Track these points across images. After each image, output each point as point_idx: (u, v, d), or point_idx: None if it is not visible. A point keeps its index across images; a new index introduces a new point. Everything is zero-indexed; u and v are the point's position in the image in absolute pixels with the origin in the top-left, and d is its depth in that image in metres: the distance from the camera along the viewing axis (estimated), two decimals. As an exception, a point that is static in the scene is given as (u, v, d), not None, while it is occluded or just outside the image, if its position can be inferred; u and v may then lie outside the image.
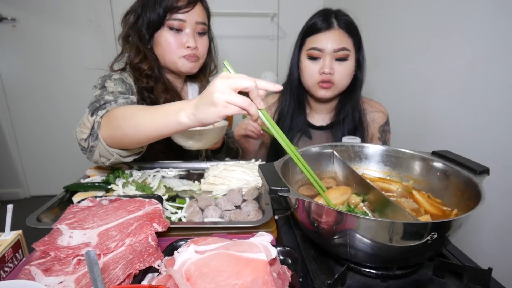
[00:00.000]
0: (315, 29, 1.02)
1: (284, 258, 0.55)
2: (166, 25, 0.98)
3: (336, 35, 1.00)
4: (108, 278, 0.48)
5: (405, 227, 0.48)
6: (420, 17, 1.36)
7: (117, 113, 0.75)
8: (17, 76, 2.35)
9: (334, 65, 1.02)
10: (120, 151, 0.79)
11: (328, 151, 0.81)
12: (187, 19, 0.98)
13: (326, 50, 1.01)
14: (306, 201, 0.55)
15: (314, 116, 1.19)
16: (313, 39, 1.03)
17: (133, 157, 0.85)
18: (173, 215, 0.72)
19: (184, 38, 0.99)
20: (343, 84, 1.05)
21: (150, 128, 0.69)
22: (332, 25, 1.01)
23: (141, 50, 0.99)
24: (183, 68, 1.03)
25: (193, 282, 0.42)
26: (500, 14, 1.00)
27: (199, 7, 1.01)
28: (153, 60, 1.01)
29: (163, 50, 1.01)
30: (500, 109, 1.01)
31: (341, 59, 1.02)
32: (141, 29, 0.99)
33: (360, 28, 1.07)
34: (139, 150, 0.84)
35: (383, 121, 1.16)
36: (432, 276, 0.56)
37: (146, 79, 1.01)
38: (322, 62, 1.02)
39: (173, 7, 0.96)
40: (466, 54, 1.13)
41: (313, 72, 1.04)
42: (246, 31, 2.45)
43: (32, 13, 2.25)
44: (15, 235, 0.57)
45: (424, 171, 0.74)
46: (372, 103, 1.17)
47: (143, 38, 1.00)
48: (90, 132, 0.78)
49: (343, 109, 1.12)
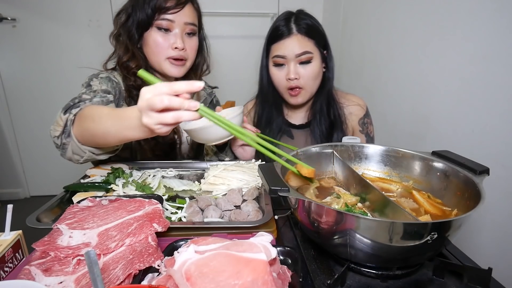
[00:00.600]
0: (277, 36, 1.05)
1: (284, 258, 0.55)
2: (154, 25, 0.99)
3: (296, 40, 1.02)
4: (108, 278, 0.48)
5: (405, 227, 0.48)
6: (420, 17, 1.36)
7: (88, 113, 0.77)
8: (17, 76, 2.35)
9: (299, 70, 1.04)
10: (92, 149, 0.81)
11: (328, 151, 0.81)
12: (176, 20, 0.98)
13: (288, 57, 1.03)
14: (306, 201, 0.55)
15: (292, 116, 1.21)
16: (276, 47, 1.05)
17: (108, 155, 0.86)
18: (173, 215, 0.72)
19: (172, 38, 1.00)
20: (310, 86, 1.07)
21: (117, 132, 0.71)
22: (291, 31, 1.03)
23: (129, 48, 1.01)
24: (168, 72, 1.04)
25: (193, 282, 0.42)
26: (500, 14, 1.00)
27: (189, 8, 1.02)
28: (141, 58, 1.02)
29: (151, 50, 1.02)
30: (500, 109, 1.01)
31: (304, 62, 1.04)
32: (131, 28, 1.00)
33: (359, 27, 1.08)
34: (113, 148, 0.85)
35: (362, 113, 1.17)
36: (432, 276, 0.56)
37: (134, 77, 1.02)
38: (287, 68, 1.05)
39: (162, 7, 0.97)
40: (466, 54, 1.13)
41: (280, 79, 1.07)
42: (246, 31, 2.45)
43: (32, 13, 2.25)
44: (15, 235, 0.57)
45: (424, 171, 0.74)
46: (348, 97, 1.19)
47: (132, 38, 1.01)
48: (63, 130, 0.79)
49: (315, 105, 1.14)
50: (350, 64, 2.03)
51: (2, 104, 2.37)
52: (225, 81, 2.53)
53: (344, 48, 2.07)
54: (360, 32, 1.90)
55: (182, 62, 1.04)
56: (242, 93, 2.43)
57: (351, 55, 1.96)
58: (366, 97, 1.28)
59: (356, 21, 1.96)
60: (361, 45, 1.89)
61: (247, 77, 2.49)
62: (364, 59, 1.86)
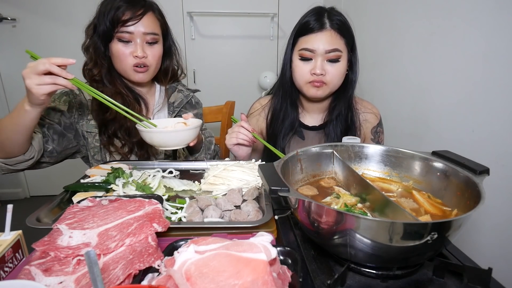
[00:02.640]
0: (308, 29, 1.02)
1: (284, 258, 0.55)
2: (116, 37, 1.03)
3: (328, 36, 1.00)
4: (108, 278, 0.48)
5: (405, 227, 0.48)
6: (420, 16, 1.36)
7: None
8: (17, 76, 2.33)
9: (325, 66, 1.02)
10: (4, 160, 0.92)
11: (328, 151, 0.81)
12: (135, 31, 1.02)
13: (318, 51, 1.00)
14: (306, 201, 0.55)
15: (307, 116, 1.19)
16: (305, 40, 1.02)
17: (24, 165, 0.97)
18: (173, 215, 0.72)
19: (133, 48, 1.04)
20: (334, 84, 1.05)
21: (13, 126, 0.86)
22: (324, 25, 1.00)
23: (93, 57, 1.06)
24: (133, 78, 1.09)
25: (193, 282, 0.42)
26: (500, 13, 1.00)
27: (149, 17, 1.05)
28: (103, 67, 1.07)
29: (116, 60, 1.07)
30: (500, 109, 1.01)
31: (333, 60, 1.01)
32: (96, 40, 1.05)
33: (359, 27, 1.07)
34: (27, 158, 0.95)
35: (376, 122, 1.16)
36: (432, 276, 0.56)
37: (96, 84, 1.06)
38: (314, 63, 1.02)
39: (120, 21, 1.01)
40: (466, 54, 1.13)
41: (304, 73, 1.03)
42: (246, 31, 2.45)
43: (32, 13, 2.25)
44: (15, 235, 0.57)
45: (424, 171, 0.74)
46: (364, 104, 1.17)
47: (98, 49, 1.06)
48: None
49: (335, 108, 1.12)
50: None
51: (2, 104, 2.37)
52: (225, 81, 2.54)
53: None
54: (360, 32, 1.89)
55: (145, 68, 1.08)
56: (242, 93, 2.44)
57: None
58: (366, 97, 1.28)
59: (356, 21, 1.96)
60: (361, 45, 1.88)
61: (247, 77, 2.52)
62: (364, 59, 1.85)
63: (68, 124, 1.06)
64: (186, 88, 1.31)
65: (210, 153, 1.24)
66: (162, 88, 1.24)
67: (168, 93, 1.24)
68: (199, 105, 1.34)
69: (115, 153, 1.11)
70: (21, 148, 0.92)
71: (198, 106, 1.33)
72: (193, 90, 1.33)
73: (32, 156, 0.96)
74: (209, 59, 2.47)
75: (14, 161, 0.93)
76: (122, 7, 1.00)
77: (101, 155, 1.12)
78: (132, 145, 1.11)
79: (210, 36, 2.44)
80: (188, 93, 1.29)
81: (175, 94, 1.25)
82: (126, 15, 1.01)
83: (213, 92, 2.31)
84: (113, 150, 1.10)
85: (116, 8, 1.00)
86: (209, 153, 1.23)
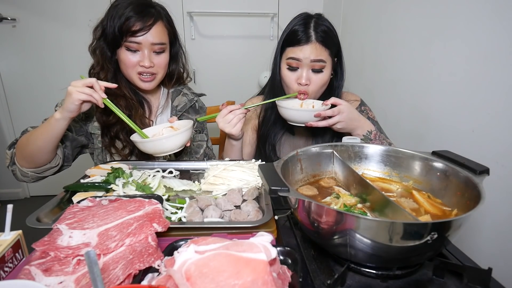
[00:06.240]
0: (295, 40, 1.06)
1: (284, 258, 0.55)
2: (123, 46, 1.04)
3: (314, 49, 1.04)
4: (108, 278, 0.48)
5: (405, 227, 0.48)
6: (420, 17, 1.36)
7: (22, 141, 0.98)
8: (17, 76, 2.35)
9: (310, 75, 1.07)
10: (34, 169, 1.00)
11: (328, 151, 0.81)
12: (143, 42, 1.04)
13: (304, 61, 1.05)
14: (306, 201, 0.55)
15: None
16: (292, 50, 1.07)
17: (51, 172, 1.05)
18: (173, 215, 0.72)
19: (140, 57, 1.06)
20: (316, 93, 1.11)
21: (43, 136, 0.93)
22: (310, 38, 1.04)
23: (100, 61, 1.08)
24: (138, 85, 1.11)
25: (193, 282, 0.42)
26: (500, 14, 1.00)
27: (158, 27, 1.05)
28: (110, 71, 1.08)
29: (123, 66, 1.09)
30: (500, 109, 1.01)
31: (317, 70, 1.06)
32: (103, 45, 1.06)
33: (359, 27, 1.08)
34: (53, 165, 1.02)
35: (357, 105, 1.20)
36: (432, 276, 0.56)
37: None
38: (300, 72, 1.07)
39: (129, 31, 1.01)
40: (466, 54, 1.13)
41: (291, 82, 1.09)
42: (246, 31, 2.45)
43: (32, 13, 2.25)
44: (15, 235, 0.57)
45: (424, 171, 0.74)
46: (346, 95, 1.22)
47: (105, 54, 1.07)
48: (10, 161, 1.01)
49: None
50: (350, 64, 2.01)
51: (2, 104, 2.37)
52: (225, 80, 2.53)
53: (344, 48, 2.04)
54: (360, 32, 1.90)
55: (151, 77, 1.10)
56: (242, 93, 2.44)
57: (351, 55, 1.96)
58: (366, 97, 1.28)
59: (356, 21, 1.96)
60: (361, 45, 1.89)
61: (247, 77, 2.52)
62: (364, 59, 1.86)
63: (78, 127, 1.10)
64: (192, 92, 1.31)
65: (198, 157, 1.24)
66: (166, 91, 1.25)
67: (173, 96, 1.24)
68: (203, 109, 1.34)
69: (115, 155, 1.12)
70: (49, 157, 0.99)
71: (202, 111, 1.32)
72: (198, 94, 1.32)
73: (58, 163, 1.04)
74: (209, 59, 2.46)
75: (42, 169, 1.01)
76: (133, 18, 1.01)
77: (102, 156, 1.13)
78: (132, 147, 1.11)
79: (210, 36, 2.44)
80: (192, 97, 1.28)
81: (179, 97, 1.25)
82: (136, 26, 1.01)
83: (213, 92, 2.30)
84: (114, 151, 1.11)
85: (126, 18, 1.00)
86: (197, 157, 1.24)
